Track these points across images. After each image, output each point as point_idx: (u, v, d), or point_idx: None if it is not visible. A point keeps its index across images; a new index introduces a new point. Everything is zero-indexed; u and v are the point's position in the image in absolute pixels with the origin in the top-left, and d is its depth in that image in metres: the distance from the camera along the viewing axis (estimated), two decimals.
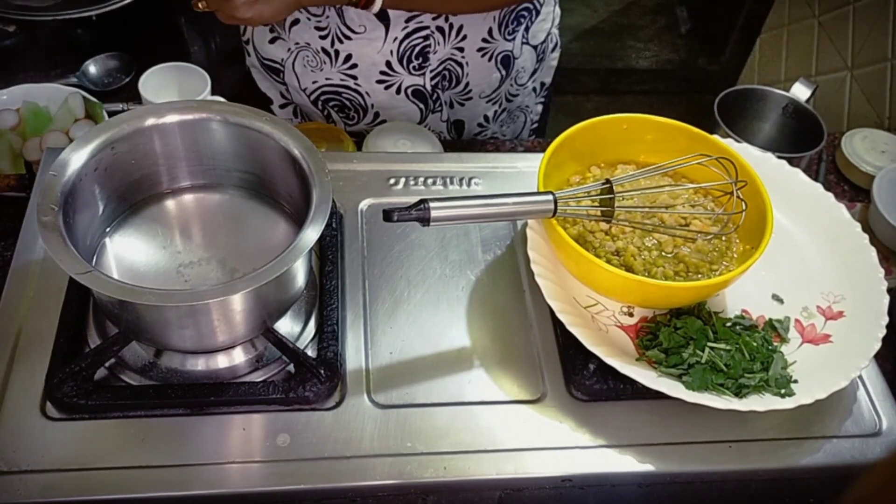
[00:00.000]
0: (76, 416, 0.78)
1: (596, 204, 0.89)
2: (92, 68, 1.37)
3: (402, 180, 1.04)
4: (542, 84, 1.47)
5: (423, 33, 1.22)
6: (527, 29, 1.33)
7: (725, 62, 2.97)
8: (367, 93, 1.29)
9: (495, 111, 1.42)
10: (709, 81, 2.91)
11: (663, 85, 3.17)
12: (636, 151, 0.99)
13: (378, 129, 1.27)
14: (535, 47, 1.37)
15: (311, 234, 0.76)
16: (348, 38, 1.22)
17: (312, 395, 0.80)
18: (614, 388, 0.84)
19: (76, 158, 0.80)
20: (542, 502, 0.83)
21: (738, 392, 0.82)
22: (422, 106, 1.32)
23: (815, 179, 1.05)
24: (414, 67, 1.26)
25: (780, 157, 1.03)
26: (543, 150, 0.91)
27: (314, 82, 1.29)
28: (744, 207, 0.88)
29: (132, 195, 0.89)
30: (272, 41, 1.30)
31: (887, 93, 1.74)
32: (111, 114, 1.22)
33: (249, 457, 0.77)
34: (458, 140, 1.44)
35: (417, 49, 1.24)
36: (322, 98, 1.31)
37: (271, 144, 0.85)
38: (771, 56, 2.20)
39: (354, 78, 1.27)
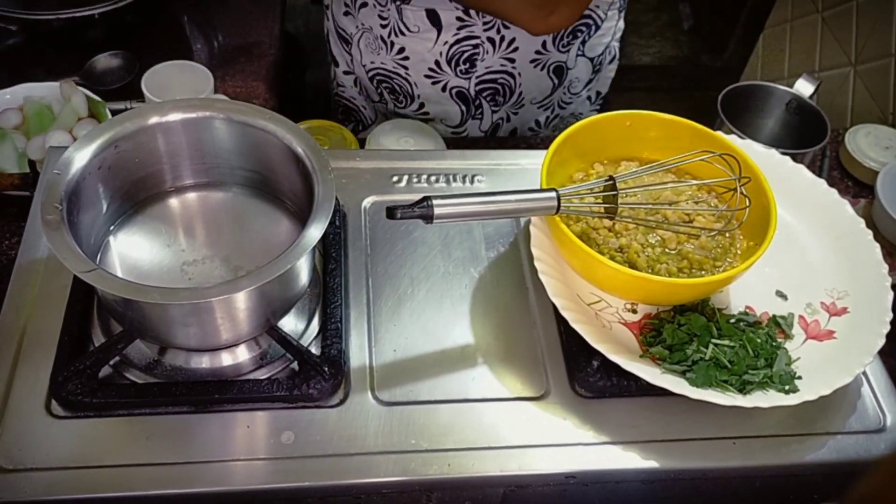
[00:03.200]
0: (81, 413, 0.79)
1: (599, 201, 0.89)
2: (95, 67, 1.37)
3: (406, 178, 1.04)
4: (598, 93, 1.49)
5: (474, 42, 1.27)
6: (583, 42, 1.35)
7: (728, 58, 2.97)
8: (415, 83, 1.34)
9: (547, 116, 1.45)
10: (712, 78, 2.90)
11: (666, 81, 3.16)
12: (639, 148, 0.99)
13: (381, 126, 1.27)
14: (591, 59, 1.40)
15: (315, 231, 0.76)
16: (403, 34, 1.28)
17: (316, 393, 0.80)
18: (618, 384, 0.84)
19: (80, 157, 0.80)
20: (546, 499, 0.83)
21: (742, 388, 0.82)
22: (463, 108, 1.37)
23: (819, 175, 1.05)
24: (461, 70, 1.31)
25: (783, 154, 1.03)
26: (546, 148, 0.91)
27: (372, 62, 1.36)
28: (747, 204, 0.88)
29: (136, 193, 0.89)
30: (345, 13, 1.36)
31: (891, 88, 1.74)
32: (114, 112, 1.22)
33: (253, 454, 0.78)
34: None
35: (466, 55, 1.28)
36: (377, 78, 1.37)
37: (274, 142, 0.85)
38: (774, 52, 2.19)
39: (406, 68, 1.33)
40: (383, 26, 1.29)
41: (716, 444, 0.83)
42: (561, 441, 0.81)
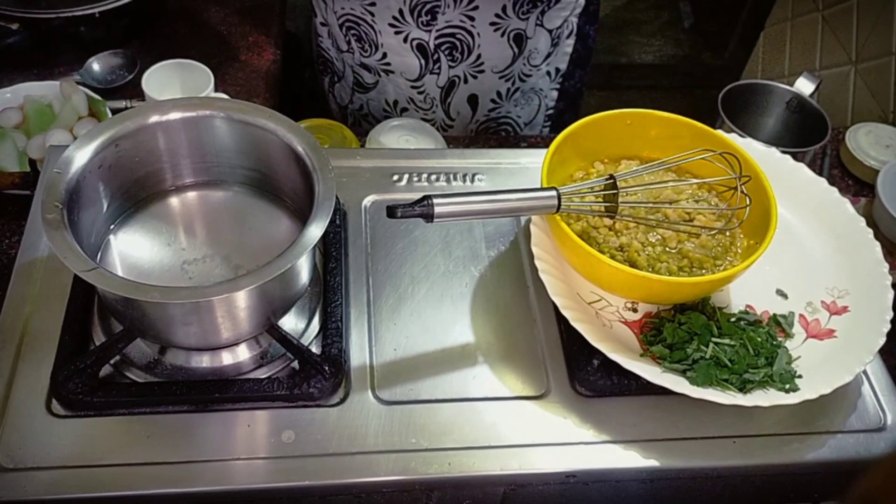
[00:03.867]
0: (81, 413, 0.79)
1: (600, 199, 0.89)
2: (95, 66, 1.37)
3: (406, 176, 1.04)
4: (557, 70, 1.49)
5: None
6: (542, 13, 1.36)
7: (729, 57, 2.96)
8: (379, 31, 1.37)
9: (508, 88, 1.46)
10: (712, 76, 2.91)
11: (667, 80, 3.16)
12: (640, 147, 0.99)
13: (381, 125, 1.27)
14: (549, 31, 1.41)
15: (315, 230, 0.76)
16: None
17: (317, 392, 0.80)
18: (618, 383, 0.84)
19: (80, 156, 0.80)
20: (547, 498, 0.83)
21: (743, 387, 0.82)
22: (422, 61, 1.39)
23: (820, 174, 1.05)
24: (422, 22, 1.33)
25: (783, 152, 1.03)
26: (547, 146, 0.91)
27: (342, 8, 1.39)
28: (748, 202, 0.88)
29: (136, 192, 0.89)
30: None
31: (892, 87, 1.74)
32: (114, 111, 1.22)
33: (254, 453, 0.78)
34: (473, 118, 1.48)
35: (428, 6, 1.31)
36: (346, 25, 1.40)
37: (275, 141, 0.85)
38: (774, 51, 2.19)
39: (372, 15, 1.35)
40: None
41: (716, 443, 0.83)
42: (561, 440, 0.81)
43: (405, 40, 1.37)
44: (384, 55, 1.40)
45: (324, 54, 1.54)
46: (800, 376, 0.84)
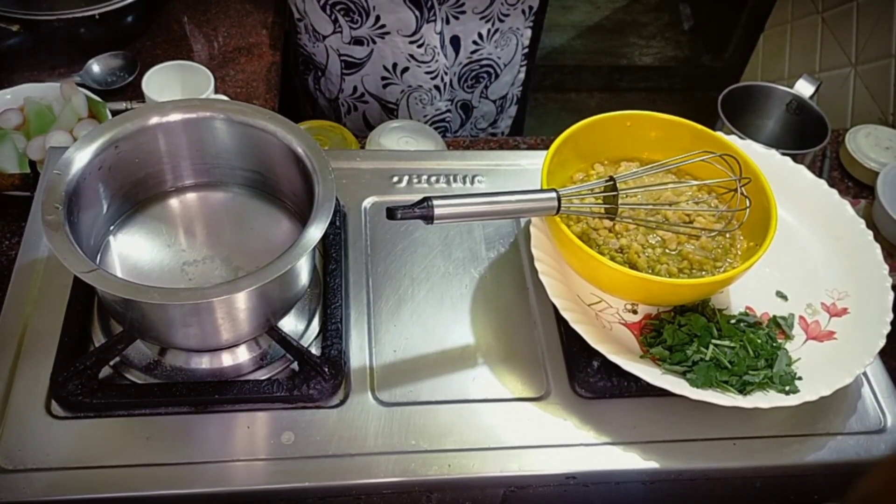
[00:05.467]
0: (81, 414, 0.79)
1: (599, 201, 0.89)
2: (95, 67, 1.37)
3: (406, 178, 1.04)
4: (531, 8, 1.52)
5: None
6: None
7: (729, 59, 2.96)
8: None
9: (489, 29, 1.48)
10: (712, 78, 2.91)
11: (667, 82, 3.16)
12: (640, 148, 0.99)
13: (381, 127, 1.27)
14: None
15: (315, 232, 0.76)
16: None
17: (316, 393, 0.80)
18: (618, 385, 0.84)
19: (80, 157, 0.80)
20: (547, 500, 0.83)
21: (743, 389, 0.82)
22: (417, 13, 1.39)
23: (819, 176, 1.05)
24: None
25: (783, 154, 1.03)
26: (547, 148, 0.91)
27: None
28: (748, 204, 0.88)
29: (136, 194, 0.89)
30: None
31: (891, 89, 1.74)
32: (114, 113, 1.22)
33: (254, 455, 0.78)
34: (455, 61, 1.50)
35: None
36: (330, 2, 1.39)
37: (275, 142, 0.85)
38: (774, 53, 2.19)
39: None
40: None
41: (716, 445, 0.83)
42: (561, 442, 0.81)
43: None
44: (377, 19, 1.40)
45: (303, 51, 1.54)
46: (800, 378, 0.84)
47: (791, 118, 1.32)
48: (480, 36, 1.49)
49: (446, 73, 1.50)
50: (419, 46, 1.44)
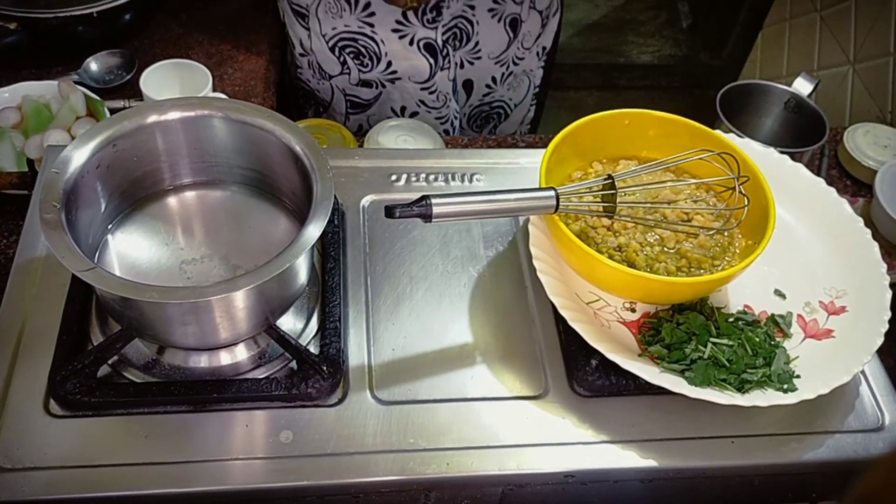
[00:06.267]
0: (79, 413, 0.78)
1: (598, 200, 0.89)
2: (93, 65, 1.37)
3: (404, 176, 1.04)
4: (544, 48, 1.51)
5: None
6: None
7: (727, 57, 2.97)
8: (381, 41, 1.34)
9: (503, 73, 1.47)
10: (710, 76, 2.91)
11: (665, 80, 3.16)
12: (638, 147, 0.99)
13: (379, 125, 1.27)
14: (540, 12, 1.43)
15: (314, 230, 0.76)
16: None
17: (315, 392, 0.80)
18: (617, 383, 0.84)
19: (78, 156, 0.80)
20: (545, 498, 0.83)
21: (741, 387, 0.82)
22: (431, 61, 1.37)
23: (818, 174, 1.05)
24: (428, 20, 1.31)
25: (782, 153, 1.03)
26: (545, 146, 0.90)
27: (333, 28, 1.35)
28: (746, 203, 0.88)
29: (134, 192, 0.89)
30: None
31: (889, 87, 1.74)
32: (112, 111, 1.22)
33: (252, 453, 0.78)
34: (466, 103, 1.49)
35: (433, 2, 1.29)
36: (339, 44, 1.37)
37: (273, 141, 0.85)
38: (773, 51, 2.19)
39: (371, 26, 1.33)
40: None
41: (714, 443, 0.83)
42: (559, 440, 0.81)
43: (411, 42, 1.35)
44: (388, 64, 1.38)
45: (304, 86, 1.50)
46: (798, 376, 0.84)
47: (789, 116, 1.32)
48: (494, 80, 1.48)
49: (456, 117, 1.49)
50: (431, 93, 1.42)
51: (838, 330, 0.90)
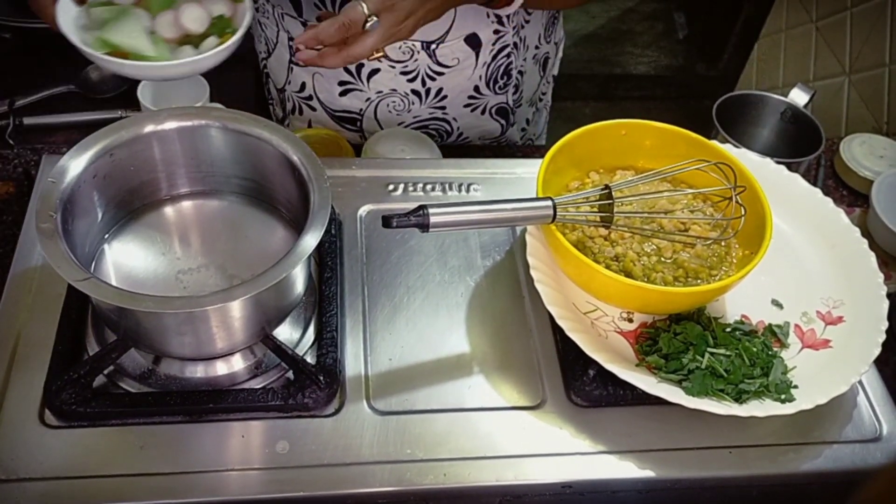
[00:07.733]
0: (75, 423, 0.78)
1: (595, 209, 0.89)
2: (91, 75, 1.37)
3: (401, 186, 1.04)
4: (554, 76, 1.49)
5: (507, 51, 1.23)
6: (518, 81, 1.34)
7: (723, 68, 2.98)
8: (454, 118, 1.30)
9: (533, 112, 1.45)
10: (707, 87, 2.92)
11: (661, 90, 3.17)
12: (635, 157, 0.99)
13: (377, 135, 1.27)
14: (542, 71, 1.40)
15: (310, 240, 0.76)
16: (440, 73, 1.22)
17: (312, 402, 0.80)
18: (614, 393, 0.84)
19: (75, 165, 0.80)
20: None
21: (739, 397, 0.82)
22: (503, 122, 1.34)
23: (814, 184, 1.05)
24: (499, 87, 1.28)
25: (778, 163, 1.04)
26: (542, 156, 0.91)
27: (400, 123, 1.29)
28: (743, 212, 0.88)
29: (131, 202, 0.89)
30: (343, 94, 1.26)
31: (885, 98, 1.75)
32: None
33: (248, 464, 0.77)
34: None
35: (502, 69, 1.25)
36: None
37: (270, 151, 0.85)
38: (769, 61, 2.20)
39: (443, 108, 1.28)
40: (410, 80, 1.22)
41: (712, 454, 0.83)
42: (557, 450, 0.81)
43: (483, 112, 1.30)
44: (460, 135, 1.33)
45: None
46: (795, 386, 0.84)
47: (786, 127, 1.32)
48: (527, 121, 1.44)
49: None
50: (458, 146, 1.36)
51: (835, 340, 0.90)
